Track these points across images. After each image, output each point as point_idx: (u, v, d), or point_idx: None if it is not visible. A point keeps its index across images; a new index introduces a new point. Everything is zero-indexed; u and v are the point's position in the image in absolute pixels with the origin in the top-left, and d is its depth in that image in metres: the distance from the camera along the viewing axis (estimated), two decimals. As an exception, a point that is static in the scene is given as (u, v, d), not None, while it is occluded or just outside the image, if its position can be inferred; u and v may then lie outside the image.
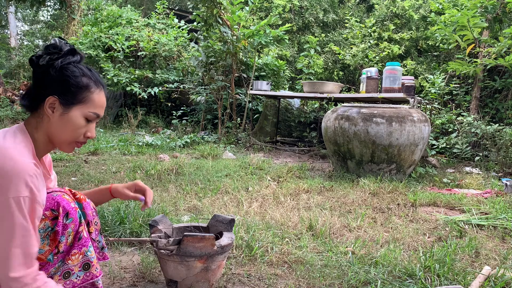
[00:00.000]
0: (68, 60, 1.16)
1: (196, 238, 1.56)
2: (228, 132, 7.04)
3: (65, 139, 1.19)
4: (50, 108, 1.15)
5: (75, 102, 1.16)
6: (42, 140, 1.18)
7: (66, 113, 1.16)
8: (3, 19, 19.23)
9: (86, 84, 1.18)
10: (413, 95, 4.92)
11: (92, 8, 11.79)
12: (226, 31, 6.74)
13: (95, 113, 1.20)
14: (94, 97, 1.20)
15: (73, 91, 1.15)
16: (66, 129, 1.17)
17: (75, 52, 1.19)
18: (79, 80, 1.17)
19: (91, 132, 1.22)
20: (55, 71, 1.14)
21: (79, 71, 1.18)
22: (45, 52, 1.15)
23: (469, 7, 5.22)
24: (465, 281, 1.75)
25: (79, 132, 1.19)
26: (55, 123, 1.16)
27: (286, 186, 3.53)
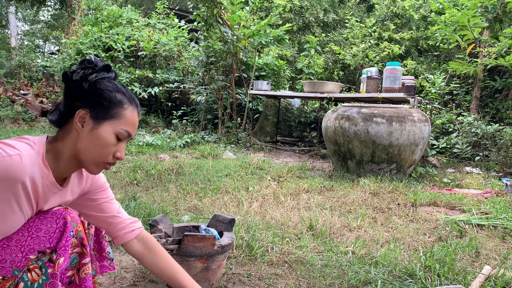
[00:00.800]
0: (102, 75, 1.13)
1: (196, 238, 1.56)
2: (228, 132, 7.04)
3: (93, 158, 1.12)
4: (80, 122, 1.10)
5: (107, 117, 1.10)
6: (66, 154, 1.12)
7: (97, 128, 1.10)
8: (3, 19, 19.24)
9: (120, 100, 1.13)
10: (413, 95, 4.92)
11: (92, 8, 11.80)
12: (226, 31, 6.74)
13: (127, 131, 1.13)
14: (127, 114, 1.13)
15: (106, 105, 1.10)
16: (95, 146, 1.10)
17: (109, 68, 1.15)
18: (112, 94, 1.12)
19: (121, 152, 1.14)
20: (89, 85, 1.10)
21: (113, 86, 1.13)
22: (79, 67, 1.12)
23: (469, 7, 5.21)
24: (465, 281, 1.75)
25: (108, 151, 1.12)
26: (84, 139, 1.10)
27: (287, 186, 3.53)
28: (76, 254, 1.20)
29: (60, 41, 14.58)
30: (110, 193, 1.35)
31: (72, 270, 1.21)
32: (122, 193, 3.11)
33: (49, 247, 1.13)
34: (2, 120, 8.40)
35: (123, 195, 3.04)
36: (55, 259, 1.13)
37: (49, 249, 1.13)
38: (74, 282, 1.22)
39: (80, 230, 1.20)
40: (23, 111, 9.15)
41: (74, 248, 1.19)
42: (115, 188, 3.30)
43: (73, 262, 1.20)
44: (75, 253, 1.20)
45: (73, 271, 1.21)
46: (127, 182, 3.52)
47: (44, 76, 13.03)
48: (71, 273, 1.21)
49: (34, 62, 14.03)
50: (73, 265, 1.20)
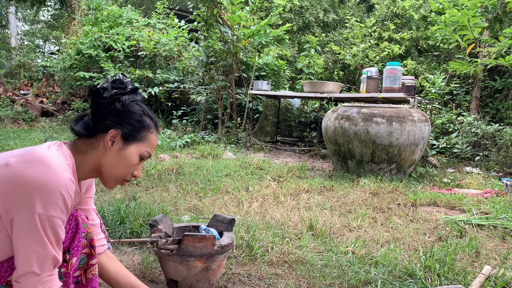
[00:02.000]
0: (133, 97, 1.19)
1: (197, 238, 1.56)
2: (228, 132, 7.04)
3: (115, 174, 1.19)
4: (111, 141, 1.16)
5: (136, 139, 1.18)
6: (88, 167, 1.18)
7: (125, 149, 1.17)
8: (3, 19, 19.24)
9: (149, 124, 1.21)
10: (413, 95, 4.92)
11: (92, 8, 11.80)
12: (226, 31, 6.74)
13: (149, 153, 1.23)
14: (152, 138, 1.22)
15: (137, 127, 1.18)
16: (120, 164, 1.18)
17: (137, 90, 1.22)
18: (143, 118, 1.19)
19: (138, 171, 1.23)
20: (121, 105, 1.16)
21: (142, 109, 1.21)
22: (111, 86, 1.17)
23: (469, 7, 5.21)
24: (465, 281, 1.75)
25: (130, 170, 1.20)
26: (110, 156, 1.16)
27: (287, 186, 3.53)
28: (85, 254, 1.22)
29: (60, 41, 14.58)
30: (93, 202, 1.41)
31: (79, 271, 1.23)
32: (122, 193, 3.11)
33: (63, 248, 1.15)
34: (2, 120, 8.40)
35: (123, 195, 3.04)
36: (68, 259, 1.16)
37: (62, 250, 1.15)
38: (80, 282, 1.24)
39: (89, 232, 1.23)
40: (23, 111, 9.15)
41: (83, 248, 1.21)
42: (115, 188, 3.30)
43: (81, 262, 1.22)
44: (83, 253, 1.22)
45: (80, 271, 1.23)
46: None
47: (44, 76, 13.04)
48: (78, 273, 1.23)
49: (34, 62, 14.04)
50: (81, 265, 1.22)
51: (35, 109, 9.58)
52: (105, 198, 2.94)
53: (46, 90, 11.77)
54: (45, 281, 1.01)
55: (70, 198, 1.03)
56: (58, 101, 10.47)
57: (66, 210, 1.02)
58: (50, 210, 0.98)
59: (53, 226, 0.99)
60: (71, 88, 10.03)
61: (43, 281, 1.00)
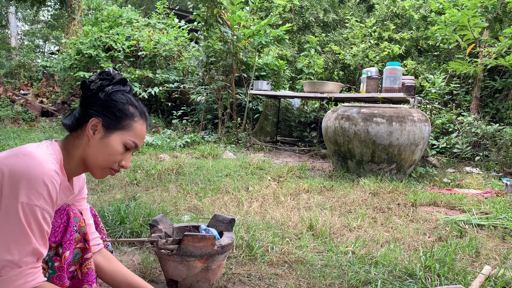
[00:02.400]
0: (118, 87, 1.20)
1: (197, 237, 1.56)
2: (229, 132, 7.04)
3: (100, 164, 1.19)
4: (92, 129, 1.17)
5: (118, 127, 1.18)
6: (77, 158, 1.19)
7: (107, 137, 1.17)
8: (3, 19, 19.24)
9: (132, 113, 1.21)
10: (413, 95, 4.92)
11: (92, 8, 11.79)
12: (226, 31, 6.74)
13: (134, 142, 1.21)
14: (136, 127, 1.21)
15: (118, 116, 1.18)
16: (103, 153, 1.18)
17: (126, 82, 1.23)
18: (126, 107, 1.19)
19: (126, 161, 1.22)
20: (104, 95, 1.18)
21: (127, 99, 1.21)
22: (98, 78, 1.19)
23: (469, 7, 5.21)
24: (465, 281, 1.75)
25: (115, 159, 1.19)
26: (93, 145, 1.17)
27: (287, 186, 3.53)
28: (79, 249, 1.23)
29: (60, 41, 14.57)
30: (86, 203, 1.41)
31: (74, 265, 1.23)
32: (122, 193, 3.11)
33: (55, 241, 1.17)
34: (2, 120, 8.40)
35: (123, 195, 3.04)
36: (61, 253, 1.16)
37: (54, 244, 1.17)
38: (76, 277, 1.24)
39: (82, 226, 1.23)
40: (23, 111, 9.15)
41: (77, 243, 1.21)
42: (115, 188, 3.30)
43: (76, 257, 1.22)
44: (77, 248, 1.22)
45: (76, 266, 1.24)
46: (127, 182, 3.52)
47: (44, 76, 13.03)
48: (74, 268, 1.23)
49: (34, 62, 14.03)
50: (75, 260, 1.22)
51: (35, 109, 9.58)
52: (105, 198, 2.94)
53: (46, 90, 11.76)
54: (27, 273, 1.01)
55: (55, 189, 1.04)
56: (58, 101, 10.47)
57: (51, 201, 1.03)
58: (33, 199, 0.99)
59: (35, 215, 1.00)
60: (71, 88, 10.03)
61: (25, 273, 1.00)
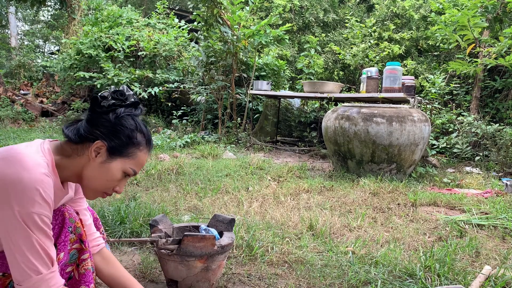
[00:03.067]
0: (130, 111, 1.16)
1: (197, 238, 1.56)
2: (229, 132, 7.04)
3: (95, 186, 1.17)
4: (95, 152, 1.13)
5: (122, 154, 1.15)
6: (71, 171, 1.15)
7: (108, 163, 1.14)
8: (3, 19, 19.23)
9: (139, 141, 1.17)
10: (413, 95, 4.92)
11: (92, 8, 11.78)
12: (226, 31, 6.74)
13: (134, 170, 1.19)
14: (140, 155, 1.18)
15: (125, 143, 1.14)
16: (101, 177, 1.15)
17: (138, 105, 1.18)
18: (133, 134, 1.15)
19: (120, 187, 1.20)
20: (115, 118, 1.13)
21: (136, 125, 1.17)
22: (110, 96, 1.14)
23: (469, 7, 5.21)
24: (465, 281, 1.75)
25: (111, 184, 1.17)
26: (93, 167, 1.14)
27: (287, 186, 3.53)
28: (75, 250, 1.22)
29: (60, 41, 14.57)
30: (85, 202, 1.39)
31: (71, 266, 1.22)
32: (122, 193, 3.11)
33: None
34: (2, 120, 8.40)
35: (123, 195, 3.04)
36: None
37: None
38: (73, 277, 1.24)
39: (78, 226, 1.22)
40: (23, 111, 9.15)
41: (73, 244, 1.21)
42: (115, 188, 3.30)
43: (72, 258, 1.21)
44: (74, 249, 1.21)
45: (72, 267, 1.23)
46: (127, 182, 3.52)
47: (44, 76, 13.03)
48: (71, 269, 1.23)
49: (34, 62, 14.03)
50: (72, 261, 1.22)
51: (35, 109, 9.58)
52: (105, 198, 2.93)
53: (46, 90, 11.76)
54: (48, 278, 1.01)
55: (48, 192, 1.02)
56: (58, 101, 10.47)
57: (47, 204, 1.02)
58: (28, 207, 0.98)
59: (35, 222, 0.99)
60: (71, 88, 10.03)
61: (46, 279, 1.01)
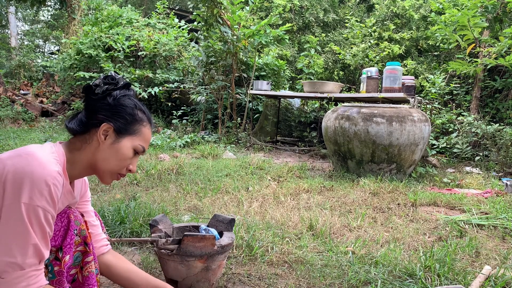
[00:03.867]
0: (124, 92, 1.21)
1: (197, 237, 1.56)
2: (229, 132, 7.04)
3: (110, 168, 1.20)
4: (104, 135, 1.17)
5: (128, 132, 1.20)
6: (83, 163, 1.19)
7: (118, 142, 1.18)
8: (3, 19, 19.24)
9: (141, 117, 1.22)
10: (413, 95, 4.92)
11: (92, 8, 11.79)
12: (226, 31, 6.74)
13: (143, 146, 1.23)
14: (145, 131, 1.23)
15: (129, 121, 1.19)
16: (114, 158, 1.19)
17: (129, 86, 1.24)
18: (135, 112, 1.21)
19: (133, 165, 1.24)
20: (113, 100, 1.18)
21: (134, 104, 1.22)
22: (102, 82, 1.19)
23: (469, 7, 5.21)
24: (465, 280, 1.75)
25: (124, 163, 1.21)
26: (104, 150, 1.18)
27: (287, 186, 3.53)
28: (79, 252, 1.22)
29: (60, 41, 14.57)
30: (90, 205, 1.41)
31: (75, 269, 1.23)
32: (122, 193, 3.11)
33: (55, 246, 1.16)
34: (2, 120, 8.41)
35: (123, 195, 3.04)
36: (61, 257, 1.16)
37: (54, 248, 1.16)
38: (77, 280, 1.24)
39: (83, 229, 1.23)
40: (23, 111, 9.15)
41: (77, 246, 1.21)
42: (115, 188, 3.30)
43: (76, 260, 1.22)
44: (78, 251, 1.22)
45: (76, 269, 1.23)
46: (127, 182, 3.52)
47: (44, 76, 13.03)
48: (75, 271, 1.23)
49: (34, 62, 14.02)
50: (76, 263, 1.22)
51: (35, 109, 9.58)
52: (105, 198, 2.94)
53: (46, 90, 11.76)
54: (30, 276, 1.00)
55: (57, 191, 1.03)
56: (58, 101, 10.47)
57: (53, 202, 1.02)
58: (35, 200, 0.98)
59: (37, 216, 0.99)
60: (71, 88, 10.03)
61: (27, 276, 0.99)
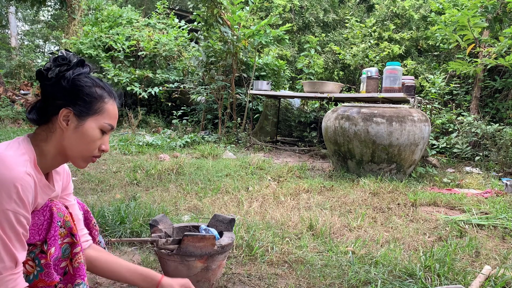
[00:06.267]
0: (78, 71, 1.14)
1: (197, 237, 1.56)
2: (229, 132, 7.04)
3: (80, 153, 1.16)
4: (65, 121, 1.12)
5: (90, 113, 1.14)
6: (52, 153, 1.15)
7: (81, 125, 1.13)
8: (3, 19, 19.23)
9: (100, 95, 1.16)
10: (413, 95, 4.92)
11: (92, 8, 11.79)
12: (226, 31, 6.74)
13: (110, 124, 1.18)
14: (108, 108, 1.17)
15: (88, 101, 1.13)
16: (81, 142, 1.14)
17: (84, 63, 1.17)
18: (92, 90, 1.14)
19: (105, 145, 1.19)
20: (67, 82, 1.12)
21: (91, 81, 1.15)
22: (53, 64, 1.12)
23: (469, 7, 5.21)
24: (465, 280, 1.75)
25: (94, 145, 1.16)
26: (69, 136, 1.13)
27: (287, 186, 3.53)
28: (67, 244, 1.21)
29: (60, 41, 14.57)
30: (74, 198, 1.38)
31: (65, 261, 1.22)
32: (122, 193, 3.11)
33: (39, 239, 1.15)
34: (2, 120, 8.41)
35: (123, 195, 3.04)
36: (46, 250, 1.15)
37: (39, 241, 1.15)
38: (68, 272, 1.23)
39: (68, 220, 1.21)
40: (23, 111, 9.15)
41: (64, 238, 1.20)
42: (115, 188, 3.30)
43: (65, 252, 1.21)
44: (65, 243, 1.21)
45: (66, 261, 1.23)
46: (127, 182, 3.52)
47: (44, 76, 13.00)
48: (65, 264, 1.23)
49: (34, 62, 14.02)
50: (65, 256, 1.22)
51: (35, 109, 9.56)
52: (105, 198, 2.94)
53: (46, 90, 11.75)
54: (7, 280, 1.00)
55: (27, 192, 1.02)
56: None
57: (23, 204, 1.01)
58: (4, 204, 0.97)
59: (9, 220, 0.98)
60: (71, 88, 10.02)
61: (5, 280, 0.99)
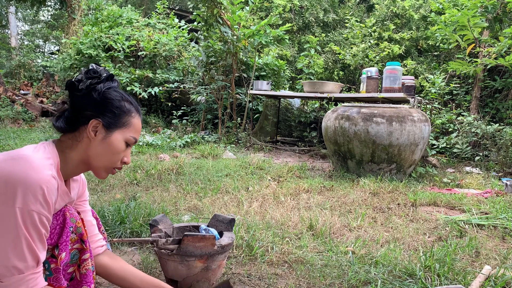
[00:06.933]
0: (109, 85, 1.19)
1: (197, 237, 1.56)
2: (228, 132, 7.04)
3: (104, 164, 1.20)
4: (93, 131, 1.16)
5: (118, 125, 1.19)
6: (76, 160, 1.18)
7: (109, 137, 1.17)
8: (3, 19, 19.23)
9: (129, 109, 1.21)
10: (413, 95, 4.92)
11: (92, 8, 11.80)
12: (226, 31, 6.74)
13: (134, 137, 1.23)
14: (134, 122, 1.22)
15: (117, 114, 1.18)
16: (106, 153, 1.18)
17: (113, 77, 1.22)
18: (122, 104, 1.19)
19: (127, 157, 1.23)
20: (98, 95, 1.16)
21: (121, 95, 1.21)
22: (85, 77, 1.16)
23: (469, 7, 5.21)
24: (465, 280, 1.75)
25: (118, 157, 1.20)
26: (96, 146, 1.17)
27: (286, 186, 3.53)
28: (76, 250, 1.22)
29: (60, 41, 14.57)
30: (88, 205, 1.41)
31: (73, 267, 1.23)
32: (122, 193, 3.11)
33: (51, 244, 1.16)
34: (2, 120, 8.40)
35: (123, 195, 3.04)
36: (57, 254, 1.16)
37: (50, 246, 1.16)
38: (75, 278, 1.24)
39: (79, 226, 1.22)
40: (23, 111, 9.14)
41: (74, 244, 1.21)
42: (115, 188, 3.30)
43: (73, 258, 1.22)
44: (75, 249, 1.21)
45: (74, 267, 1.23)
46: (127, 182, 3.52)
47: (44, 76, 13.03)
48: (72, 269, 1.23)
49: (34, 62, 14.03)
50: (73, 261, 1.22)
51: (35, 109, 9.57)
52: (105, 198, 2.94)
53: (46, 90, 11.76)
54: (29, 279, 1.01)
55: (52, 194, 1.03)
56: (58, 101, 10.45)
57: (47, 206, 1.02)
58: (30, 204, 0.98)
59: (33, 220, 0.99)
60: (71, 88, 10.02)
61: (26, 279, 1.00)
